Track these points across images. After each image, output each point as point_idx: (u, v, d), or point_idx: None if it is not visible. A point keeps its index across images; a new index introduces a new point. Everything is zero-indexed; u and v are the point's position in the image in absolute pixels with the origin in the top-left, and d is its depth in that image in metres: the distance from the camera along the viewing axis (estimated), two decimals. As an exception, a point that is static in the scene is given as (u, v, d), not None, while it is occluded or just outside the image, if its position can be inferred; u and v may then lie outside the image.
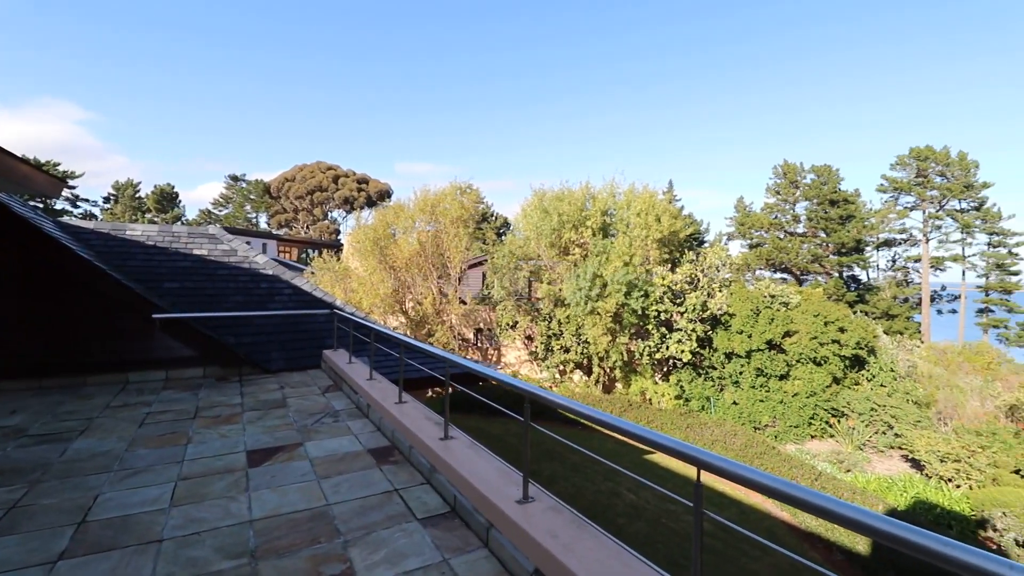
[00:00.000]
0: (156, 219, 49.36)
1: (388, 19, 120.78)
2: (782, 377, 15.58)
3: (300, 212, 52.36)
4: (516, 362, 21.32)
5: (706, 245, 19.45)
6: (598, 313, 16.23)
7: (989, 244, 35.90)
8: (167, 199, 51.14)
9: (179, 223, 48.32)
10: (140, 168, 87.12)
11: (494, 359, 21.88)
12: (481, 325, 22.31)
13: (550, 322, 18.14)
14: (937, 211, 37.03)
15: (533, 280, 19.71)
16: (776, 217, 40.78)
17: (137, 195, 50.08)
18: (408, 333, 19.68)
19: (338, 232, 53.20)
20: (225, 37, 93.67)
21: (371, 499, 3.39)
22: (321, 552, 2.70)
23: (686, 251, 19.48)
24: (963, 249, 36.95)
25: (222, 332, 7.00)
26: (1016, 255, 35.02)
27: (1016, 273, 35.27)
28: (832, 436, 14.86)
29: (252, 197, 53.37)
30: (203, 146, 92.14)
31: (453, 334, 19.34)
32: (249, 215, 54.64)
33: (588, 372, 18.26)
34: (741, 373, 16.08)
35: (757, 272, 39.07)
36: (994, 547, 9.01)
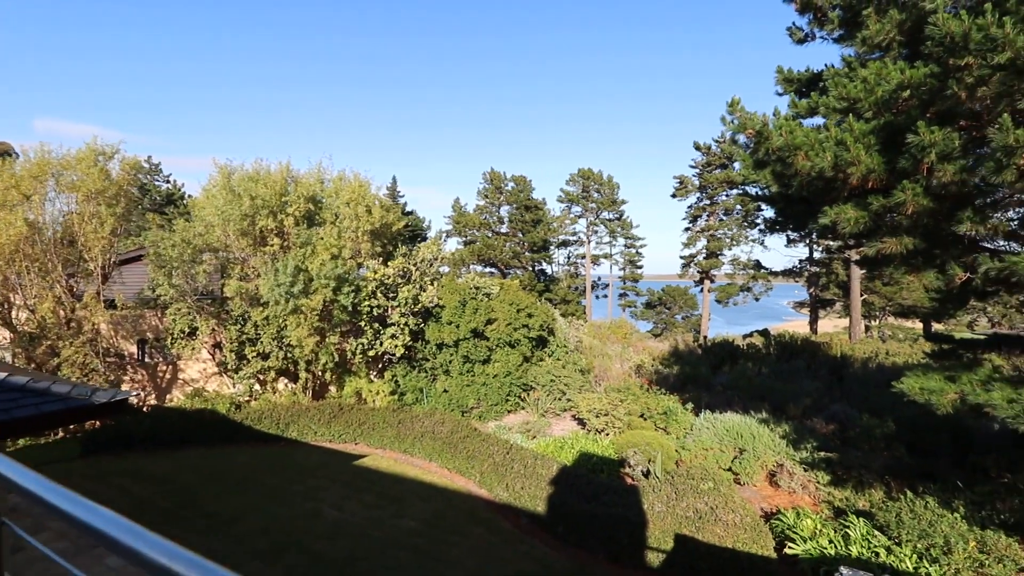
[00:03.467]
0: None
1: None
2: (484, 361, 16.99)
3: None
4: (201, 377, 17.47)
5: (429, 241, 19.77)
6: (302, 312, 14.50)
7: (625, 245, 48.08)
8: None
9: None
10: None
11: (167, 376, 17.40)
12: (151, 334, 17.50)
13: (243, 325, 15.36)
14: (595, 219, 47.54)
15: (227, 276, 16.42)
16: (485, 218, 45.42)
17: None
18: (18, 353, 13.84)
19: None
20: None
21: None
22: None
23: (400, 245, 19.36)
24: (610, 249, 48.51)
25: None
26: (641, 254, 47.97)
27: (640, 267, 48.28)
28: (523, 408, 17.00)
29: None
30: None
31: (97, 349, 14.44)
32: None
33: (295, 378, 16.26)
34: (451, 362, 16.85)
35: (472, 267, 42.76)
36: (630, 480, 11.45)
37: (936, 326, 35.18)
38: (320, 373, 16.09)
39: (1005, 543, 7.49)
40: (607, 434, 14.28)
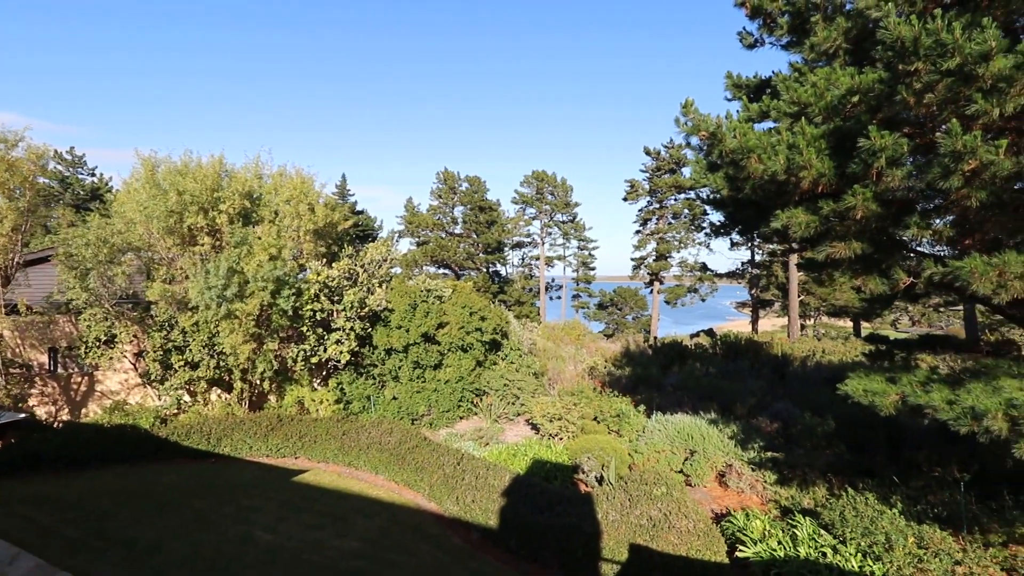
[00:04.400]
0: None
1: None
2: (436, 367, 16.42)
3: None
4: (122, 389, 15.94)
5: (378, 241, 18.91)
6: (237, 317, 13.44)
7: (579, 247, 48.51)
8: None
9: None
10: None
11: (82, 388, 15.76)
12: (64, 342, 15.81)
13: (169, 332, 14.09)
14: (549, 221, 47.73)
15: (151, 278, 15.05)
16: (439, 218, 44.64)
17: None
18: None
19: None
20: None
21: None
22: None
23: (347, 245, 18.44)
24: (564, 250, 48.82)
25: None
26: (593, 256, 48.53)
27: (593, 268, 48.84)
28: (476, 414, 16.55)
29: None
30: None
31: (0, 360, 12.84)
32: None
33: (229, 388, 15.10)
34: (400, 368, 16.17)
35: (425, 268, 41.86)
36: (584, 487, 11.24)
37: (864, 324, 37.44)
38: (258, 382, 15.02)
39: (940, 537, 7.77)
40: (561, 439, 14.06)
